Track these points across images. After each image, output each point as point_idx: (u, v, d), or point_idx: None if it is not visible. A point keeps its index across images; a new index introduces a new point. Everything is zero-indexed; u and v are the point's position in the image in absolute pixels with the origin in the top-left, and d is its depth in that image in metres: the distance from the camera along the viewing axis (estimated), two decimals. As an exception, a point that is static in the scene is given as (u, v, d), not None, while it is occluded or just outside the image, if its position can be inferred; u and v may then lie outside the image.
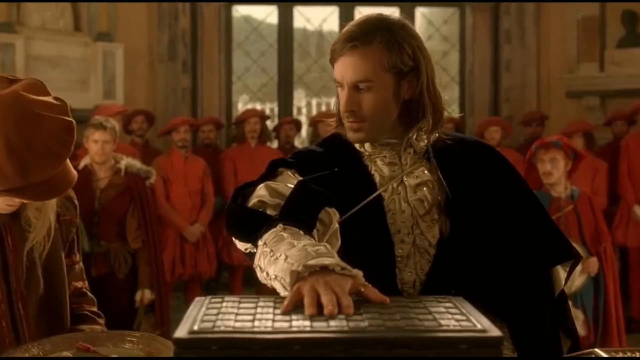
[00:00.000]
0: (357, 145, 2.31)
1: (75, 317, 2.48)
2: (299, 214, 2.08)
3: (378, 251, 2.21)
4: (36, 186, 2.07)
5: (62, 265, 2.41)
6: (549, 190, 5.60)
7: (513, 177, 2.38)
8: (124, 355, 2.13)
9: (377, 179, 2.27)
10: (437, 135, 2.31)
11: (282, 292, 1.84)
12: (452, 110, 10.94)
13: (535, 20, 10.13)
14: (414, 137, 2.26)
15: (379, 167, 2.28)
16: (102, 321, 2.55)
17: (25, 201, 2.20)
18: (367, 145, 2.30)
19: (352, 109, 2.21)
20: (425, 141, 2.29)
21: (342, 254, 2.10)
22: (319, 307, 1.63)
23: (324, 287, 1.66)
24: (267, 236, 1.99)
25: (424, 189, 2.24)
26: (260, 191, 2.20)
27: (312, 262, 1.74)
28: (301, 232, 1.99)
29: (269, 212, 2.14)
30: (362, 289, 1.72)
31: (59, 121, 2.11)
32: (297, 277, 1.73)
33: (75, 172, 2.21)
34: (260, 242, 2.01)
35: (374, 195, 2.23)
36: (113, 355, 2.14)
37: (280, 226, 2.00)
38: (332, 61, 2.23)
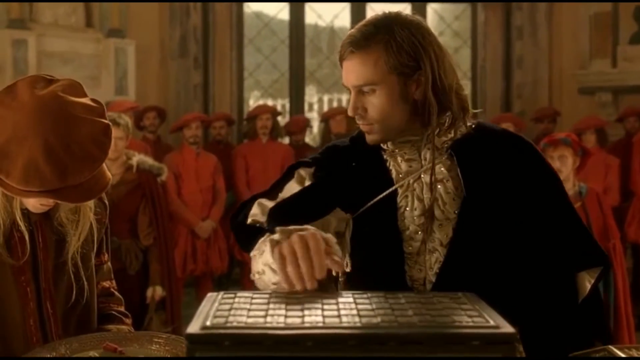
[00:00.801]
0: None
1: (102, 316, 2.50)
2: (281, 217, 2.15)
3: (387, 247, 2.21)
4: (72, 188, 2.07)
5: (91, 264, 2.42)
6: None
7: (542, 173, 2.31)
8: (150, 356, 2.15)
9: (393, 174, 2.26)
10: (464, 128, 2.27)
11: (273, 279, 1.87)
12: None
13: (547, 16, 10.11)
14: (434, 133, 2.22)
15: (398, 163, 2.26)
16: (129, 321, 2.56)
17: (59, 202, 2.20)
18: (389, 142, 2.29)
19: (358, 113, 2.20)
20: (450, 135, 2.26)
21: (354, 248, 2.14)
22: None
23: (299, 243, 1.74)
24: (257, 245, 2.05)
25: (439, 186, 2.22)
26: (254, 209, 2.27)
27: (289, 228, 1.82)
28: None
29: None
30: (331, 254, 1.78)
31: (96, 123, 2.10)
32: (275, 243, 1.79)
33: (109, 175, 2.21)
34: (252, 253, 2.06)
35: (388, 191, 2.23)
36: (139, 356, 2.15)
37: (267, 235, 2.02)
38: (340, 64, 2.23)
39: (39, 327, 2.28)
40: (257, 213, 2.26)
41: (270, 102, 10.79)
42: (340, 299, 1.72)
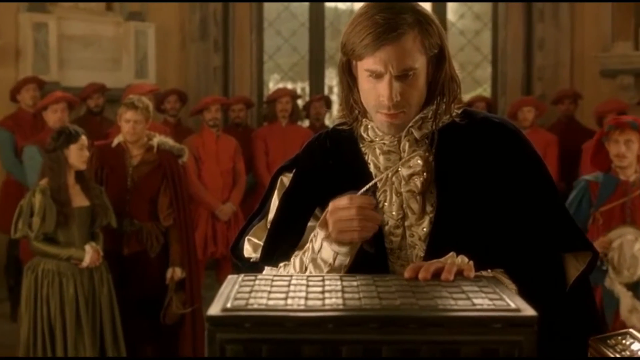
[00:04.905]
0: (362, 130, 2.24)
1: None
2: (274, 259, 2.24)
3: (368, 243, 2.14)
4: None
5: None
6: (617, 174, 5.26)
7: (523, 160, 2.23)
8: None
9: (372, 168, 2.21)
10: (446, 118, 2.20)
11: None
12: (484, 89, 10.87)
13: (569, -2, 10.04)
14: (417, 125, 2.17)
15: (376, 156, 2.21)
16: None
17: None
18: (370, 132, 2.23)
19: (397, 99, 2.10)
20: (430, 128, 2.19)
21: None
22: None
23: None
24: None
25: (416, 179, 2.16)
26: (246, 246, 2.34)
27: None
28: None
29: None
30: None
31: None
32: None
33: None
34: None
35: (366, 187, 2.15)
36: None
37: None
38: (363, 55, 2.09)
39: None
40: (249, 249, 2.32)
41: (290, 85, 10.78)
42: (361, 282, 1.72)
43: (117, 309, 5.45)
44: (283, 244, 2.22)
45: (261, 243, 2.27)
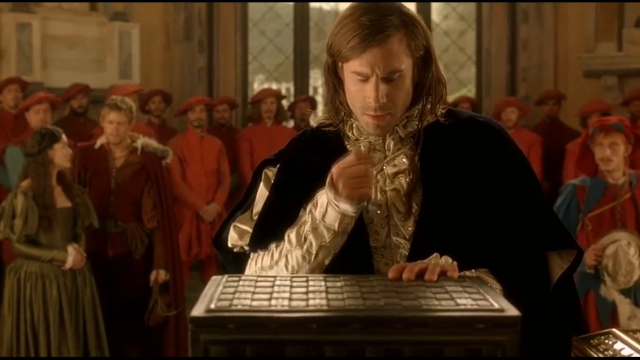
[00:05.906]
0: (347, 129, 2.24)
1: None
2: (264, 244, 2.21)
3: (353, 241, 2.13)
4: None
5: None
6: (605, 177, 5.03)
7: (508, 159, 2.24)
8: None
9: None
10: (431, 117, 2.21)
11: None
12: (469, 90, 10.89)
13: (553, -1, 10.08)
14: (402, 123, 2.18)
15: None
16: None
17: None
18: (355, 131, 2.23)
19: (384, 101, 2.10)
20: (416, 127, 2.20)
21: None
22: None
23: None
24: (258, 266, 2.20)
25: (401, 178, 2.17)
26: (232, 233, 2.31)
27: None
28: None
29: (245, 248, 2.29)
30: None
31: None
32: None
33: None
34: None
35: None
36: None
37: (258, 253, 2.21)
38: (349, 57, 2.11)
39: None
40: (234, 236, 2.29)
41: (274, 86, 10.77)
42: (345, 282, 1.72)
43: (100, 310, 5.43)
44: (273, 228, 2.19)
45: (248, 229, 2.26)
